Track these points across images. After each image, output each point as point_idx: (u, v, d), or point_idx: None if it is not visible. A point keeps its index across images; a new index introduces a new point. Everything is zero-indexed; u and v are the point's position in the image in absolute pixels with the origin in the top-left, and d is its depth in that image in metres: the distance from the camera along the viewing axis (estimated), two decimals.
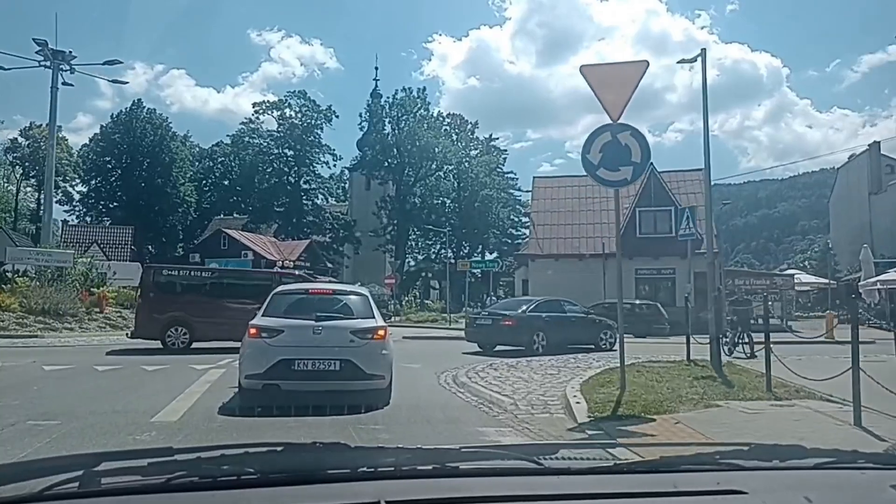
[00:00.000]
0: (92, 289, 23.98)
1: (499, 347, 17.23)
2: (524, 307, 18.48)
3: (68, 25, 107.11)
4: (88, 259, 28.25)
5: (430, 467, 1.50)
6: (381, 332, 8.80)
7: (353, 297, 9.59)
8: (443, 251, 72.92)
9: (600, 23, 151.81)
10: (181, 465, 1.52)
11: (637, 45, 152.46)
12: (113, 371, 11.74)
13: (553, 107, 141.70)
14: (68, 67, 25.70)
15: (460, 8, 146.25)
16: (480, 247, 70.01)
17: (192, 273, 18.71)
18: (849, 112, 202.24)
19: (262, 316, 8.92)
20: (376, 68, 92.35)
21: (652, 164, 35.25)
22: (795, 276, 43.00)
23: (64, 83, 26.62)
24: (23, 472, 1.41)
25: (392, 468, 1.54)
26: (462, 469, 1.51)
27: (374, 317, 9.08)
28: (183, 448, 1.78)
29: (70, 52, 25.34)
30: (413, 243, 75.02)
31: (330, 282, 16.37)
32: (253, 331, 8.62)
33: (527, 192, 74.27)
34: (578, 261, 33.39)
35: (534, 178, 39.81)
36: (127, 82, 29.45)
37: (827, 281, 46.55)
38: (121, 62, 25.80)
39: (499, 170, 74.29)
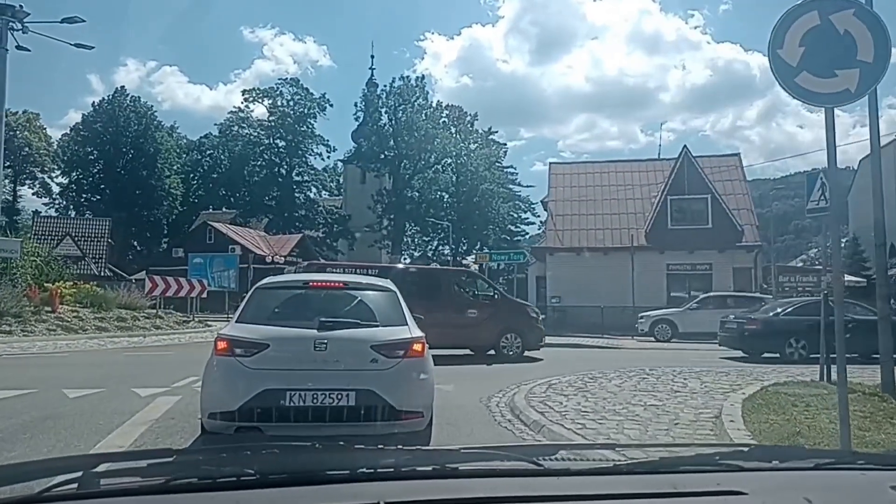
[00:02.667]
0: (45, 284, 20.33)
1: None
2: (778, 309, 16.43)
3: (63, 26, 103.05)
4: (46, 249, 24.57)
5: (429, 468, 1.50)
6: (417, 347, 5.61)
7: (373, 293, 6.23)
8: (440, 247, 69.89)
9: (593, 22, 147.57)
10: (181, 467, 1.60)
11: (630, 45, 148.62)
12: (19, 399, 8.14)
13: (546, 106, 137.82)
14: (20, 26, 21.97)
15: (453, 6, 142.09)
16: (479, 243, 66.47)
17: (355, 272, 15.93)
18: (839, 112, 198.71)
19: (237, 322, 5.68)
20: (372, 56, 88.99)
21: (686, 147, 31.84)
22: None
23: (18, 47, 22.90)
24: (22, 473, 1.43)
25: (392, 469, 1.56)
26: (462, 470, 1.51)
27: (406, 323, 5.83)
28: (182, 449, 2.02)
29: (21, 6, 21.61)
30: (410, 239, 71.84)
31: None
32: (222, 345, 5.43)
33: (527, 187, 71.37)
34: (603, 255, 29.86)
35: (550, 163, 36.27)
36: (93, 47, 25.17)
37: (857, 279, 43.34)
38: (83, 20, 21.98)
39: (498, 164, 70.95)
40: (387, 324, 5.67)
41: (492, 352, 15.28)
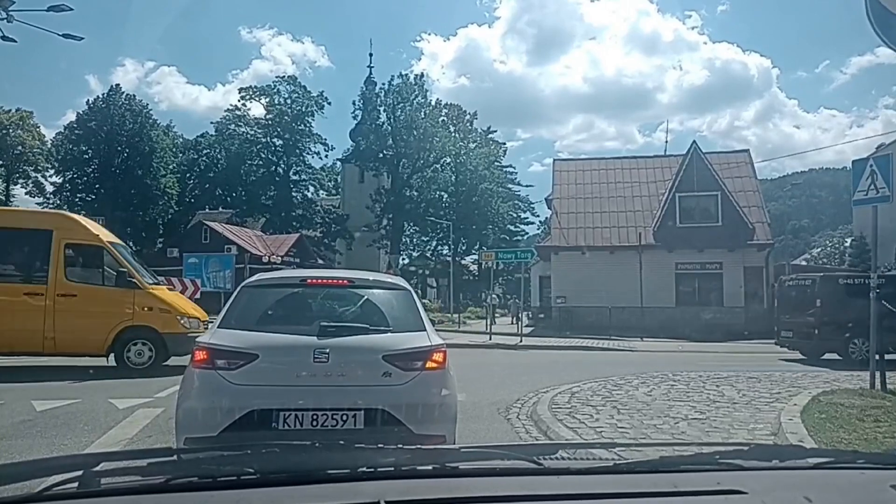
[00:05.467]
0: None
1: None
2: None
3: (56, 21, 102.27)
4: None
5: (430, 467, 1.49)
6: (437, 357, 4.64)
7: (383, 292, 5.19)
8: (440, 247, 68.95)
9: (591, 22, 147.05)
10: (181, 466, 1.62)
11: (628, 45, 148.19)
12: None
13: (543, 106, 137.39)
14: (5, 15, 21.04)
15: (450, 7, 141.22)
16: (479, 243, 65.66)
17: (858, 280, 16.66)
18: (836, 112, 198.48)
19: (220, 328, 4.67)
20: (370, 55, 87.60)
21: (695, 143, 31.00)
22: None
23: (4, 38, 21.98)
24: (22, 472, 1.41)
25: (392, 468, 1.54)
26: (462, 469, 1.50)
27: (424, 329, 4.83)
28: (183, 448, 1.98)
29: None
30: (409, 239, 70.95)
31: None
32: (200, 355, 4.45)
33: (527, 186, 70.43)
34: (609, 254, 28.96)
35: (554, 160, 35.44)
36: (82, 38, 24.17)
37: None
38: (71, 9, 20.99)
39: (497, 163, 70.16)
40: (401, 329, 4.72)
41: None
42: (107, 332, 11.34)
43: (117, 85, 69.98)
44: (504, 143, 73.41)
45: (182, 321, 11.94)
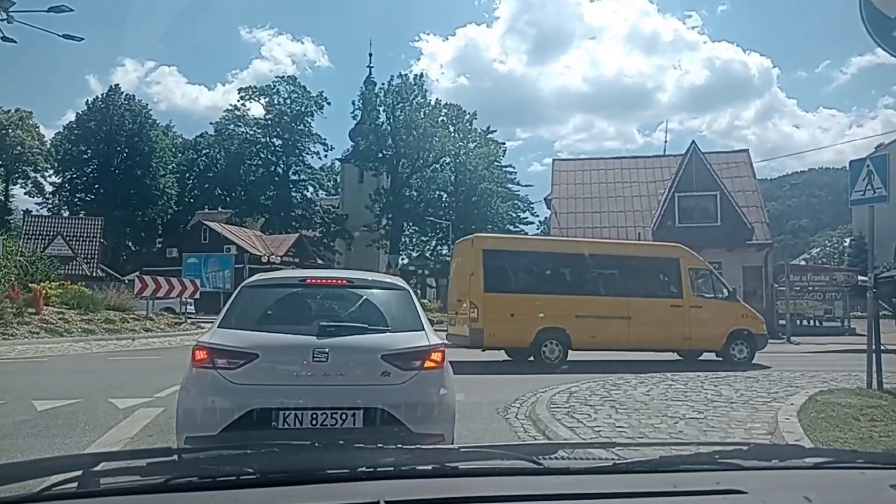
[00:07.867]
0: (30, 284, 19.42)
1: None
2: None
3: (58, 22, 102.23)
4: (35, 248, 23.65)
5: (429, 467, 1.50)
6: (436, 357, 4.69)
7: (382, 292, 5.22)
8: (439, 247, 68.99)
9: (591, 22, 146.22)
10: (180, 465, 1.61)
11: (628, 45, 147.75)
12: None
13: (543, 106, 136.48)
14: (5, 16, 21.06)
15: (449, 8, 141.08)
16: None
17: None
18: (836, 112, 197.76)
19: (220, 328, 4.70)
20: (370, 55, 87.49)
21: (694, 143, 31.01)
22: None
23: (4, 38, 22.01)
24: (22, 472, 1.41)
25: (391, 468, 1.54)
26: (462, 469, 1.50)
27: (422, 328, 4.86)
28: (182, 448, 1.93)
29: None
30: (408, 239, 70.97)
31: None
32: (201, 355, 4.49)
33: (526, 186, 70.44)
34: None
35: (553, 160, 35.41)
36: (82, 38, 24.24)
37: (864, 278, 42.55)
38: (71, 10, 21.08)
39: (497, 163, 70.12)
40: (400, 329, 4.76)
41: None
42: (723, 334, 14.91)
43: (117, 85, 70.07)
44: (503, 143, 73.41)
45: (763, 325, 15.55)
